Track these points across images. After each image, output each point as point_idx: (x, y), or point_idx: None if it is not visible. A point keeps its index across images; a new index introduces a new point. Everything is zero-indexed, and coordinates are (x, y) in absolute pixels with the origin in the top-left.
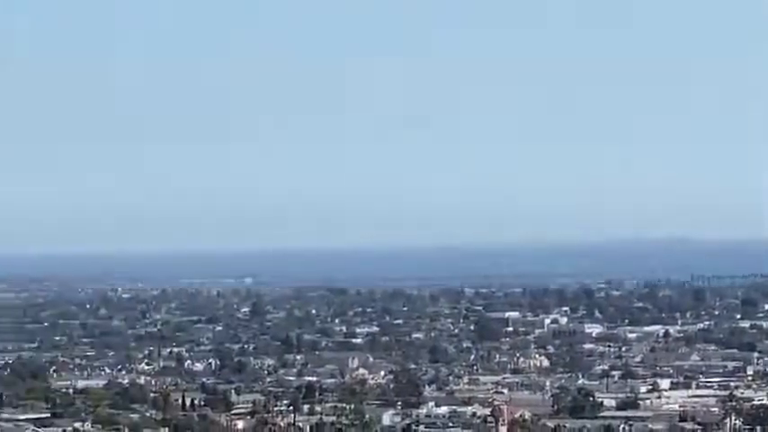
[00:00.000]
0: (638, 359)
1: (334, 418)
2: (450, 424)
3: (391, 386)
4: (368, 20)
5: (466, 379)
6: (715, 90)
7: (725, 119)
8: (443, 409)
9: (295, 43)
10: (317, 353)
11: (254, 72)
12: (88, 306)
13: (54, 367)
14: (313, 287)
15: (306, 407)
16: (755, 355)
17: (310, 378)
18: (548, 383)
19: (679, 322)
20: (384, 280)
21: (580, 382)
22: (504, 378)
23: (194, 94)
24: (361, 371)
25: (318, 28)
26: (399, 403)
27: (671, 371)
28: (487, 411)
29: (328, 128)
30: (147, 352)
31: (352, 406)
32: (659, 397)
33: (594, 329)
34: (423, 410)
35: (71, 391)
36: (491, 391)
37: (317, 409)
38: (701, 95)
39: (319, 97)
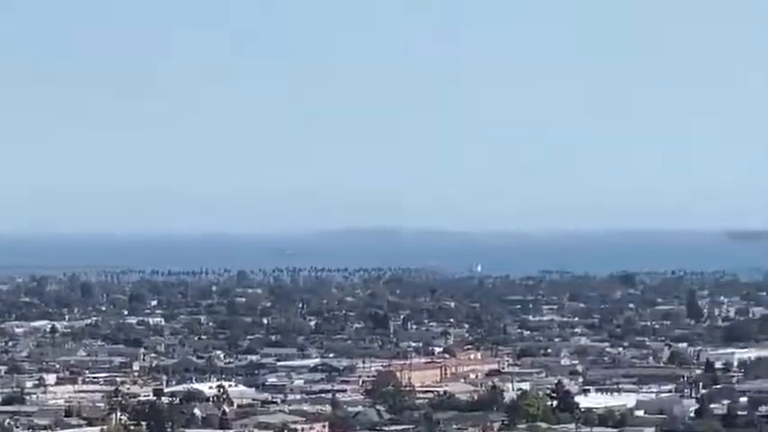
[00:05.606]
0: (24, 354)
1: None
2: None
3: None
4: None
5: None
6: None
7: None
8: None
9: None
10: None
11: None
12: None
13: None
14: None
15: None
16: (142, 350)
17: None
18: None
19: (66, 317)
20: None
21: None
22: None
23: None
24: None
25: None
26: None
27: (57, 366)
28: None
29: None
30: None
31: None
32: (45, 392)
33: None
34: None
35: None
36: None
37: None
38: None
39: None
